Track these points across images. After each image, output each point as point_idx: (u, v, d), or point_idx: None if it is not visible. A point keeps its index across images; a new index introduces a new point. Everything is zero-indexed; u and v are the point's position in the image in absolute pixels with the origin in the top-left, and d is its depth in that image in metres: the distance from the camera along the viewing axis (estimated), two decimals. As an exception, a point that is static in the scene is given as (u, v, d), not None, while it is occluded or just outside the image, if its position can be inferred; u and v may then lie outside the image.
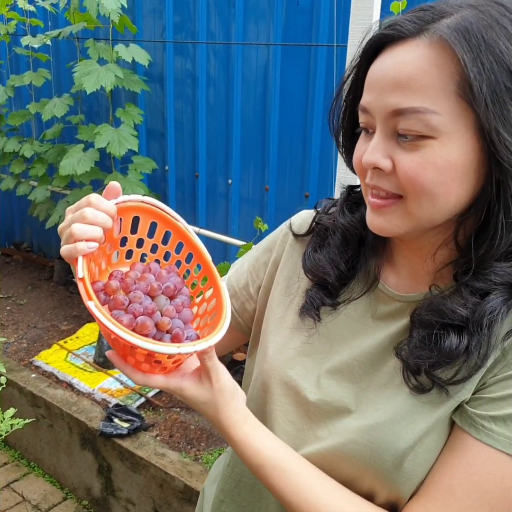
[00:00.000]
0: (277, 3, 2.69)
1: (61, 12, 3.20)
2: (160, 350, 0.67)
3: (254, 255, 0.99)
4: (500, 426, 0.69)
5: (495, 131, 0.64)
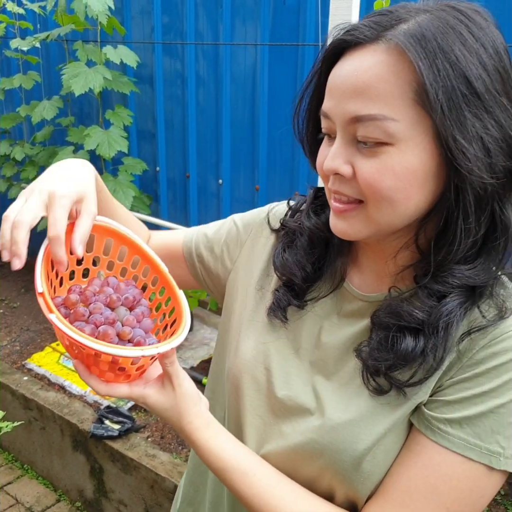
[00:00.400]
0: (264, 3, 2.69)
1: (49, 14, 3.20)
2: (124, 354, 0.68)
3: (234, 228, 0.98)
4: (455, 428, 0.70)
5: (452, 138, 0.64)
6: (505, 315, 0.71)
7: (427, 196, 0.69)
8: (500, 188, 0.68)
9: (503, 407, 0.69)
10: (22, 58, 3.47)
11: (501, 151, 0.66)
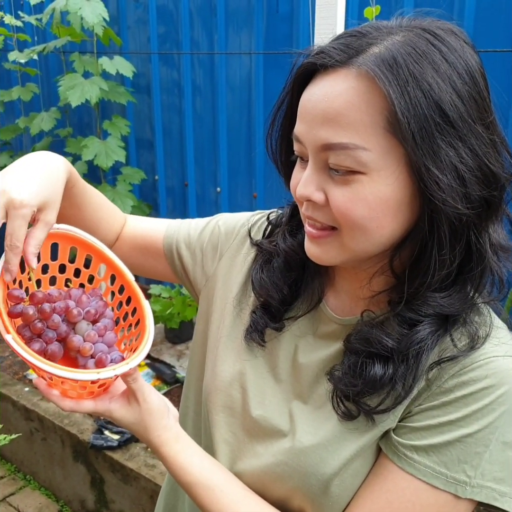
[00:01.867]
0: (257, 11, 2.70)
1: (44, 26, 3.22)
2: (80, 377, 0.68)
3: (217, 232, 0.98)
4: (421, 456, 0.69)
5: (425, 168, 0.62)
6: (476, 345, 0.69)
7: (402, 224, 0.68)
8: (475, 217, 0.66)
9: (471, 436, 0.68)
10: (21, 70, 3.49)
11: (476, 180, 0.65)
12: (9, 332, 0.67)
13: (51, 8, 2.91)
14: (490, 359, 0.69)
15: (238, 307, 0.90)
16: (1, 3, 3.88)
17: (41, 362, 0.66)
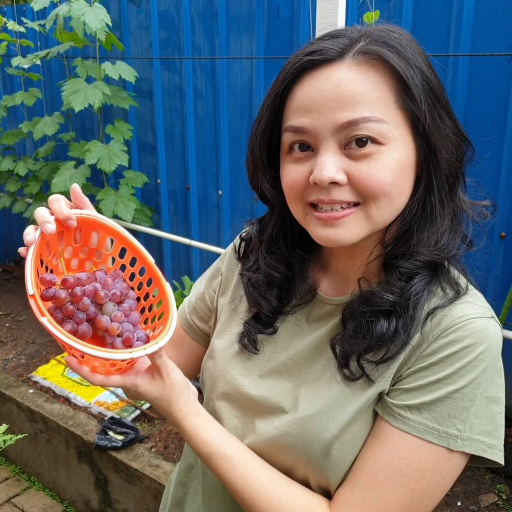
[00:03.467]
0: (258, 16, 2.73)
1: (49, 32, 3.26)
2: (114, 357, 0.73)
3: (210, 271, 1.06)
4: (414, 414, 0.75)
5: (431, 134, 0.74)
6: (461, 293, 0.78)
7: (410, 188, 0.78)
8: (461, 175, 0.80)
9: (458, 392, 0.74)
10: (24, 76, 3.53)
11: (457, 143, 0.78)
12: (44, 315, 0.71)
13: (54, 14, 2.94)
14: (469, 320, 0.75)
15: (232, 303, 0.97)
16: (4, 9, 3.92)
17: (76, 342, 0.71)
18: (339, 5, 1.41)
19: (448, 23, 2.23)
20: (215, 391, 0.92)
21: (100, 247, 0.85)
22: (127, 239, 0.85)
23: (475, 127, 2.24)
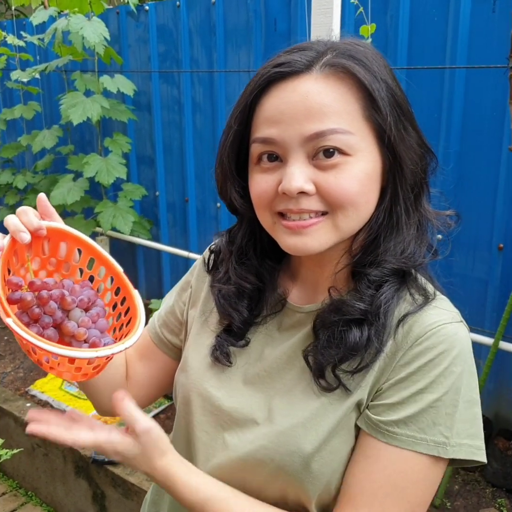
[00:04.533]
0: (255, 30, 2.74)
1: (46, 46, 3.27)
2: (78, 355, 0.71)
3: (180, 284, 1.06)
4: (402, 428, 0.75)
5: (396, 145, 0.76)
6: (429, 299, 0.80)
7: (376, 198, 0.79)
8: (425, 185, 0.83)
9: (439, 400, 0.75)
10: (23, 89, 3.55)
11: (421, 154, 0.80)
12: (9, 316, 0.70)
13: (53, 28, 2.96)
14: (441, 326, 0.77)
15: (203, 315, 0.96)
16: (4, 23, 3.95)
17: (42, 342, 0.69)
18: (334, 18, 1.41)
19: (444, 36, 2.24)
20: (188, 405, 0.91)
21: (68, 258, 0.85)
22: (95, 249, 0.84)
23: (472, 138, 2.24)
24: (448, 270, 2.40)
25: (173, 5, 3.05)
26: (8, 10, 4.86)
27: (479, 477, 2.33)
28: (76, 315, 0.79)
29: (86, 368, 0.76)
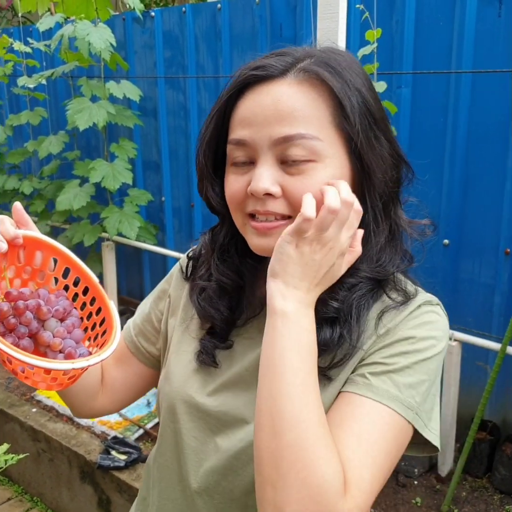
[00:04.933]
0: (261, 35, 2.75)
1: (53, 52, 3.29)
2: (55, 367, 0.71)
3: (155, 293, 1.05)
4: (376, 380, 0.75)
5: (364, 151, 0.76)
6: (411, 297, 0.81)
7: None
8: (395, 194, 0.82)
9: (417, 364, 0.76)
10: (30, 95, 3.56)
11: (392, 164, 0.80)
12: None
13: (59, 35, 2.98)
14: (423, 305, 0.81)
15: (184, 324, 0.96)
16: (11, 30, 3.97)
17: (18, 353, 0.69)
18: (340, 23, 1.41)
19: (450, 40, 2.23)
20: (173, 413, 0.90)
21: (43, 267, 0.85)
22: (71, 259, 0.84)
23: (478, 143, 2.23)
24: (455, 276, 2.39)
25: (179, 11, 3.07)
26: (15, 16, 4.89)
27: (487, 483, 2.31)
28: (52, 325, 0.79)
29: (61, 378, 0.76)
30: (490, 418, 2.40)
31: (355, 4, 2.23)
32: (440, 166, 2.32)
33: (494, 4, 2.12)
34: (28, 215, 0.83)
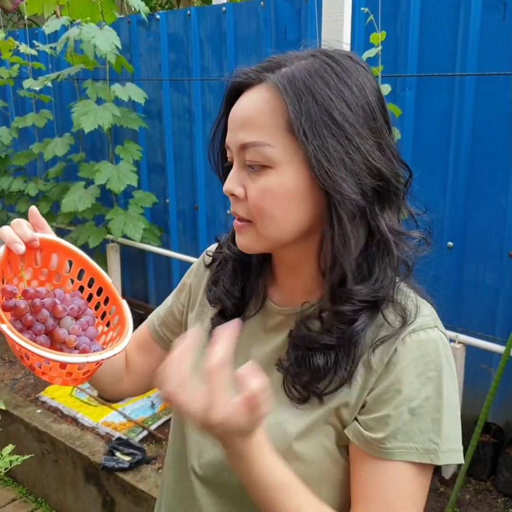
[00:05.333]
0: (266, 38, 2.76)
1: (59, 54, 3.31)
2: (70, 360, 0.74)
3: (178, 286, 1.09)
4: (392, 442, 0.76)
5: (315, 159, 0.74)
6: (408, 320, 0.78)
7: (306, 212, 0.78)
8: (368, 204, 0.77)
9: (420, 407, 0.75)
10: (35, 97, 3.58)
11: (362, 173, 0.76)
12: (4, 322, 0.73)
13: (65, 37, 2.99)
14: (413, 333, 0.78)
15: (199, 320, 0.99)
16: (17, 32, 3.99)
17: (35, 347, 0.72)
18: (344, 26, 1.42)
19: (454, 43, 2.24)
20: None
21: (59, 269, 0.89)
22: (85, 260, 0.88)
23: (482, 146, 2.24)
24: (459, 278, 2.39)
25: (184, 14, 3.08)
26: (21, 19, 4.91)
27: (490, 486, 2.31)
28: (67, 323, 0.82)
29: (76, 373, 0.79)
30: (493, 420, 2.39)
31: (360, 7, 2.24)
32: (444, 168, 2.32)
33: (499, 8, 2.12)
34: (44, 219, 0.86)
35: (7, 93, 4.14)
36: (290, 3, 2.68)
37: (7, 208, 3.96)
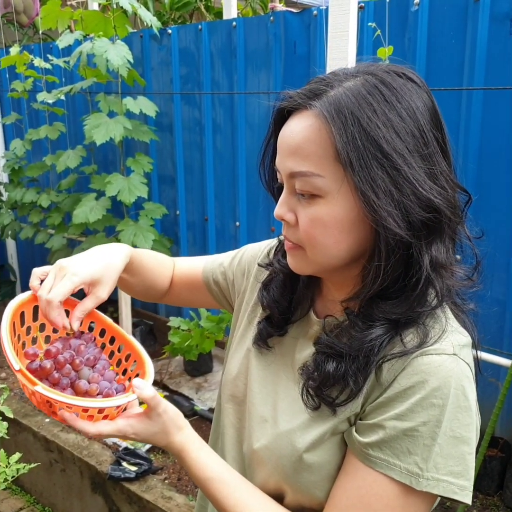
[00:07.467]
0: (275, 52, 2.79)
1: (72, 68, 3.36)
2: (117, 403, 0.80)
3: (238, 258, 1.13)
4: (375, 451, 0.76)
5: (361, 191, 0.73)
6: (424, 344, 0.76)
7: (357, 239, 0.78)
8: (414, 238, 0.75)
9: (415, 430, 0.74)
10: (49, 110, 3.63)
11: (412, 205, 0.73)
12: (36, 384, 0.77)
13: (78, 51, 3.04)
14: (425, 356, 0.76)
15: (252, 315, 1.03)
16: (32, 47, 4.06)
17: (78, 400, 0.78)
18: (349, 42, 1.44)
19: (462, 58, 2.25)
20: (225, 393, 1.00)
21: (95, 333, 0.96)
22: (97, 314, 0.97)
23: (490, 160, 2.24)
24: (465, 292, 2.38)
25: (195, 28, 3.12)
26: (36, 34, 4.99)
27: (497, 501, 2.29)
28: (86, 374, 0.87)
29: (112, 413, 0.84)
30: (501, 435, 2.38)
31: (368, 22, 2.26)
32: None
33: (506, 23, 2.14)
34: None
35: (22, 106, 4.21)
36: (299, 18, 2.71)
37: (20, 219, 4.01)
